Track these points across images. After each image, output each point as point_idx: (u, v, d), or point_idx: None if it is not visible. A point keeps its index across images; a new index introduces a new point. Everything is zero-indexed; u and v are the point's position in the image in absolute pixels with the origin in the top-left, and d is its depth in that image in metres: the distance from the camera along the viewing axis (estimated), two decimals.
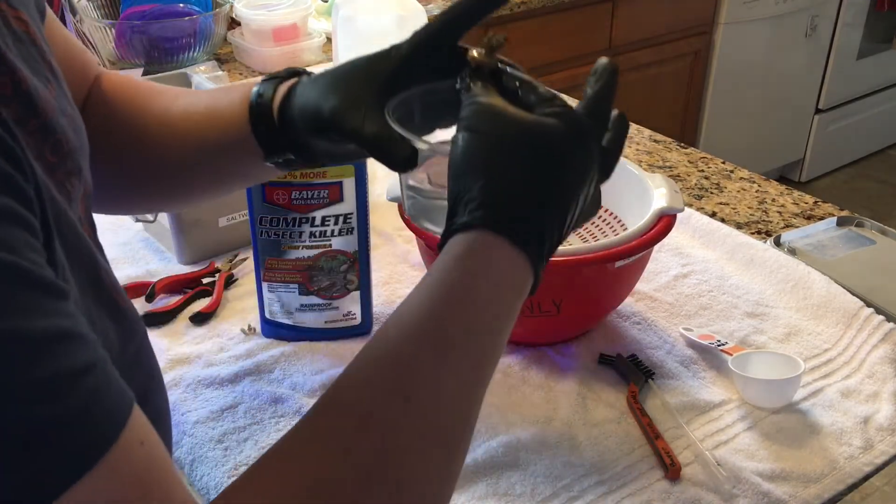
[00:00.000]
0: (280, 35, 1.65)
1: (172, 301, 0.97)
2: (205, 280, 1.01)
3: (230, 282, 1.02)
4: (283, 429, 0.78)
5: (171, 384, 0.85)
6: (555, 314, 0.85)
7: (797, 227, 1.12)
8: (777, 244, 1.07)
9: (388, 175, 1.15)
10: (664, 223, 0.86)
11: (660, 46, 2.66)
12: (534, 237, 0.50)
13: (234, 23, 1.74)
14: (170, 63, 1.63)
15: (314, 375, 0.86)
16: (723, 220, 1.14)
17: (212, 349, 0.91)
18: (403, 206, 0.63)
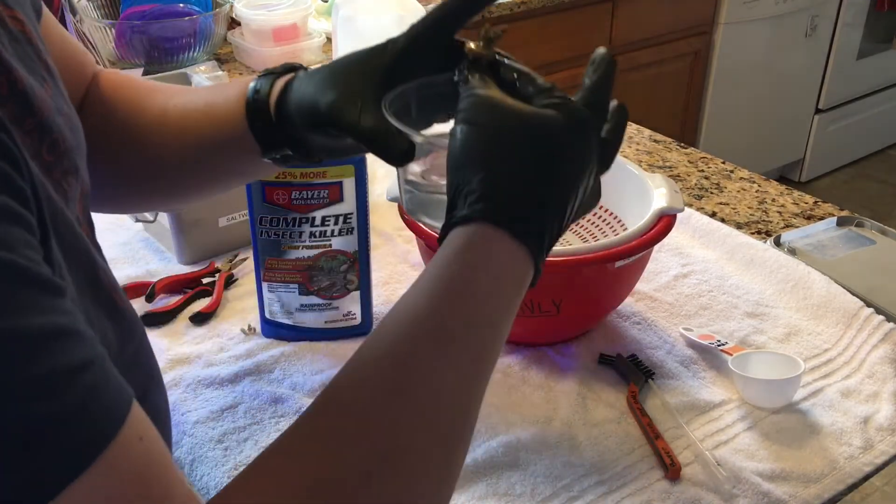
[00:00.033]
0: (280, 35, 1.65)
1: (172, 301, 0.97)
2: (205, 280, 1.01)
3: (230, 282, 1.02)
4: (283, 429, 0.77)
5: (171, 384, 0.85)
6: (555, 314, 0.85)
7: (797, 227, 1.12)
8: (777, 244, 1.07)
9: (388, 175, 1.15)
10: (664, 223, 0.86)
11: (660, 46, 2.66)
12: (534, 229, 0.50)
13: (234, 23, 1.74)
14: (170, 63, 1.63)
15: (314, 375, 0.86)
16: (723, 220, 1.14)
17: (212, 349, 0.91)
18: (401, 201, 0.63)
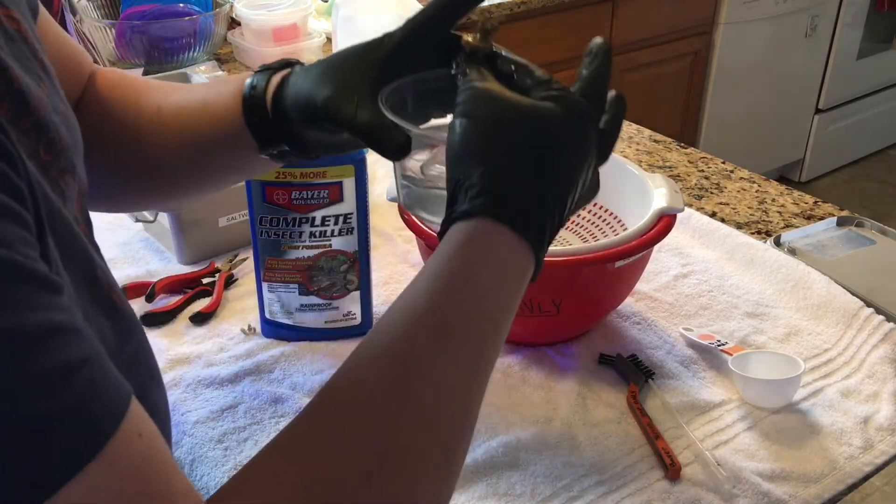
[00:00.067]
0: (280, 35, 1.65)
1: (172, 301, 0.97)
2: (205, 280, 1.01)
3: (230, 282, 1.02)
4: None
5: (171, 384, 0.85)
6: (555, 314, 0.85)
7: (797, 227, 1.12)
8: (777, 244, 1.07)
9: (389, 175, 1.15)
10: (664, 223, 0.86)
11: (660, 46, 2.66)
12: (534, 223, 0.50)
13: (234, 23, 1.74)
14: (170, 63, 1.63)
15: (314, 375, 0.86)
16: (723, 220, 1.14)
17: (212, 349, 0.91)
18: (398, 196, 0.63)
